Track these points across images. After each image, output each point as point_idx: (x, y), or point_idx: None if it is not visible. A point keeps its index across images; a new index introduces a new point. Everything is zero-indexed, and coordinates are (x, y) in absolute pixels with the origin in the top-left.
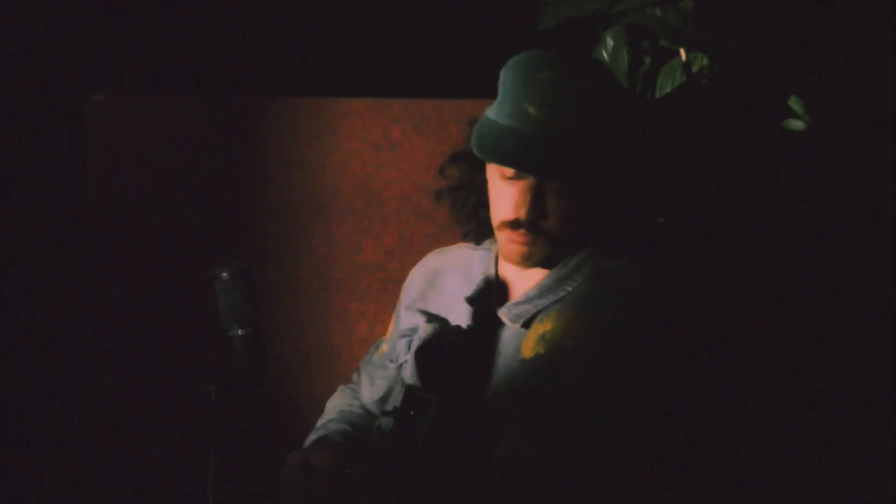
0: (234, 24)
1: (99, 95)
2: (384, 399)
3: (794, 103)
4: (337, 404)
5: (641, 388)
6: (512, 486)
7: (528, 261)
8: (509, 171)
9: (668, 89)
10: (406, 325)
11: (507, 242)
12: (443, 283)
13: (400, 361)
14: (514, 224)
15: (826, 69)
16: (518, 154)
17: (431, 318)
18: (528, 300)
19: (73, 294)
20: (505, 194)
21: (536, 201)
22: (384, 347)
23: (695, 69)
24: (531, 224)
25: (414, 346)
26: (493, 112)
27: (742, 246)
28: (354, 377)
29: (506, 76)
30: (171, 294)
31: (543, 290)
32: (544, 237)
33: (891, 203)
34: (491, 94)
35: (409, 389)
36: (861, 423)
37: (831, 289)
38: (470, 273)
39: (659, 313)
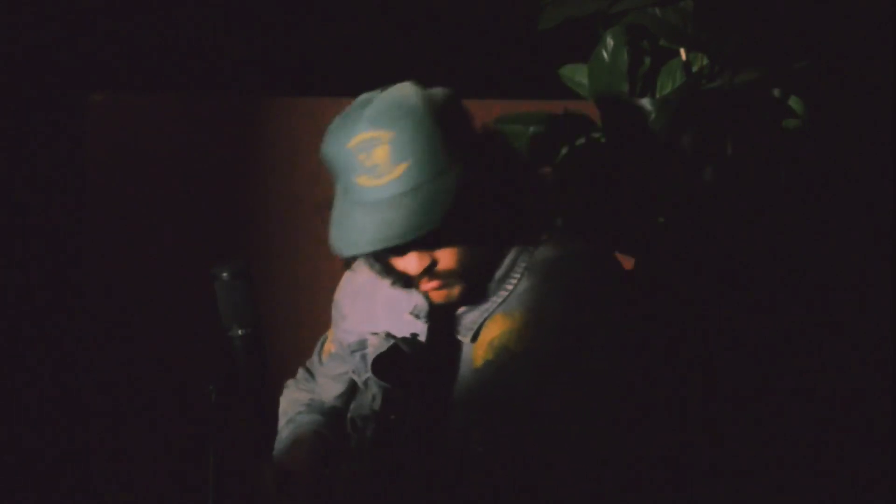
0: (234, 24)
1: (99, 95)
2: (346, 394)
3: (794, 103)
4: (296, 398)
5: (594, 380)
6: (479, 486)
7: (452, 299)
8: None
9: (668, 89)
10: (351, 339)
11: (425, 292)
12: (379, 297)
13: (364, 377)
14: (416, 281)
15: (826, 69)
16: (372, 236)
17: (378, 335)
18: (470, 309)
19: (74, 294)
20: (395, 259)
21: (417, 259)
22: (329, 347)
23: (695, 69)
24: (429, 275)
25: (369, 360)
26: (339, 194)
27: (742, 246)
28: (301, 374)
29: (325, 156)
30: (171, 294)
31: (486, 293)
32: (450, 276)
33: (891, 203)
34: (491, 94)
35: (387, 394)
36: (861, 423)
37: (831, 289)
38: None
39: (598, 301)
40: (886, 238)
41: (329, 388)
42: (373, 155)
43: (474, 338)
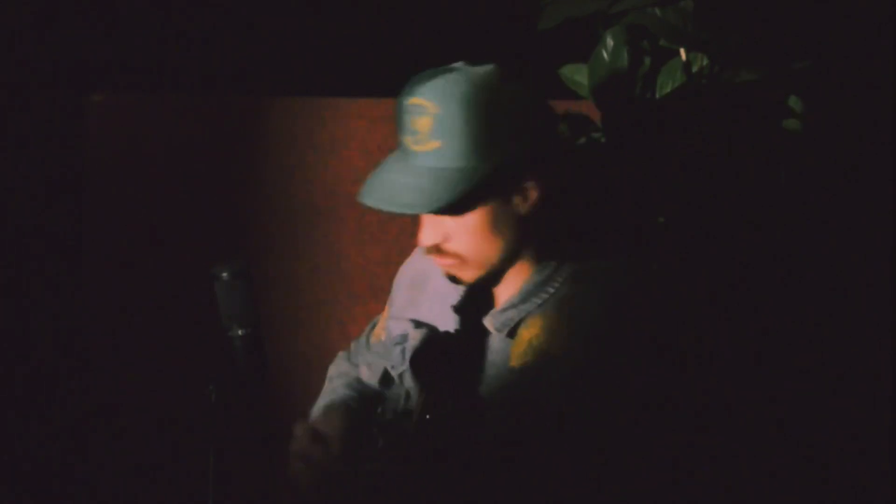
0: (234, 24)
1: (99, 95)
2: (381, 384)
3: (794, 103)
4: (344, 370)
5: (628, 391)
6: (506, 486)
7: (463, 280)
8: None
9: (668, 89)
10: (396, 331)
11: (439, 267)
12: (430, 287)
13: (399, 371)
14: (427, 251)
15: (826, 69)
16: (381, 193)
17: (419, 325)
18: (511, 306)
19: (73, 294)
20: (417, 220)
21: (433, 229)
22: (380, 333)
23: (695, 69)
24: (438, 250)
25: (408, 356)
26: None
27: (742, 246)
28: (353, 346)
29: (397, 101)
30: (171, 294)
31: (526, 295)
32: (460, 258)
33: (891, 203)
34: None
35: (427, 395)
36: (862, 424)
37: (831, 289)
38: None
39: (640, 313)
40: (886, 238)
41: (366, 376)
42: (418, 121)
43: (511, 334)
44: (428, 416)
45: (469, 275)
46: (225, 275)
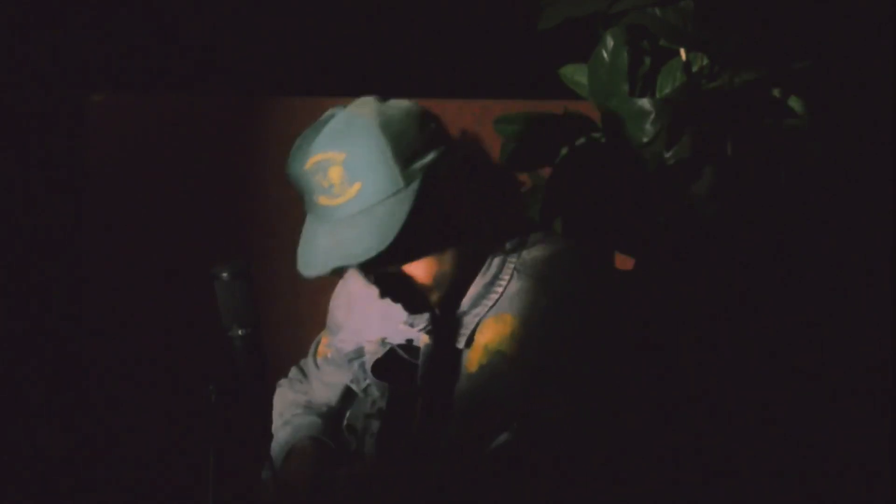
0: (234, 24)
1: (99, 95)
2: (344, 399)
3: (794, 103)
4: (293, 399)
5: (586, 380)
6: (475, 490)
7: (431, 298)
8: None
9: (668, 89)
10: (349, 347)
11: (398, 301)
12: (376, 303)
13: (363, 385)
14: (384, 289)
15: (826, 69)
16: (327, 257)
17: (373, 342)
18: (463, 314)
19: (73, 294)
20: (364, 270)
21: (382, 273)
22: (324, 351)
23: (695, 69)
24: (399, 282)
25: (368, 367)
26: (307, 216)
27: (742, 246)
28: (294, 373)
29: (288, 177)
30: (171, 294)
31: (476, 299)
32: (419, 286)
33: (891, 203)
34: (491, 94)
35: (390, 397)
36: (862, 424)
37: (831, 288)
38: None
39: (587, 298)
40: (886, 238)
41: (323, 393)
42: (328, 175)
43: (468, 343)
44: (396, 419)
45: (428, 298)
46: (225, 275)
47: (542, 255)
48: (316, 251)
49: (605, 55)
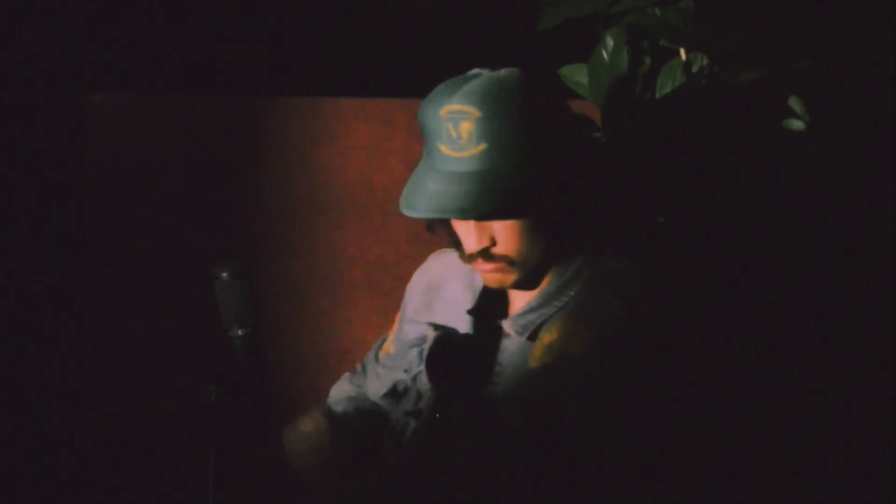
0: (234, 24)
1: (99, 95)
2: (390, 395)
3: (794, 103)
4: (344, 389)
5: (644, 392)
6: (521, 491)
7: (503, 285)
8: None
9: (668, 89)
10: (413, 335)
11: (478, 272)
12: (445, 292)
13: (414, 372)
14: (471, 257)
15: (826, 69)
16: (432, 203)
17: (438, 328)
18: (531, 310)
19: (73, 294)
20: (459, 229)
21: (480, 234)
22: (389, 347)
23: (695, 69)
24: (485, 254)
25: (425, 356)
26: (423, 155)
27: (742, 246)
28: (359, 368)
29: (420, 118)
30: (171, 294)
31: (546, 298)
32: (504, 261)
33: (891, 203)
34: None
35: (438, 394)
36: (861, 423)
37: (831, 288)
38: (473, 282)
39: (657, 314)
40: (886, 238)
41: (375, 387)
42: (458, 127)
43: (532, 336)
44: (437, 415)
45: (510, 278)
46: (225, 275)
47: (615, 268)
48: (424, 195)
49: (605, 55)
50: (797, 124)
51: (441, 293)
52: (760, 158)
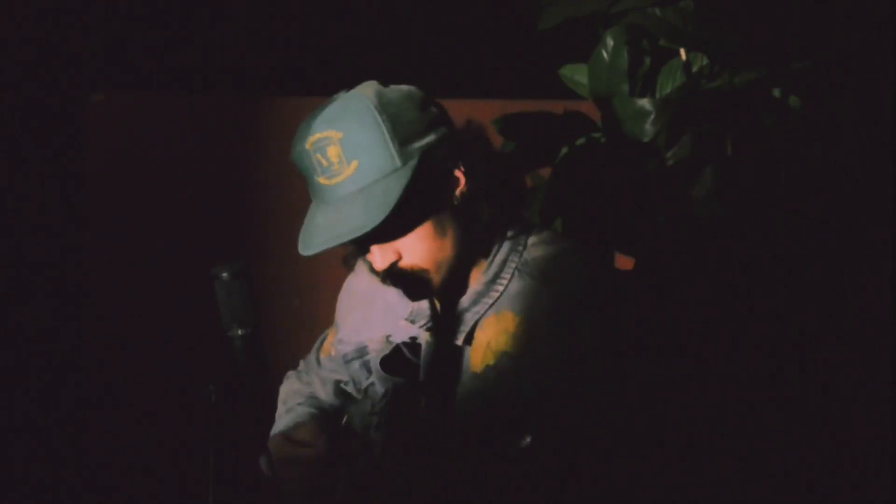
0: (234, 24)
1: (99, 95)
2: (336, 395)
3: (794, 103)
4: (297, 388)
5: (589, 379)
6: (484, 489)
7: (428, 295)
8: None
9: (668, 89)
10: (349, 348)
11: (399, 289)
12: (379, 303)
13: (364, 384)
14: (385, 274)
15: (826, 69)
16: (325, 234)
17: (382, 341)
18: (464, 311)
19: (74, 294)
20: (366, 253)
21: (383, 251)
22: (328, 349)
23: (695, 69)
24: (394, 270)
25: (374, 366)
26: (312, 200)
27: (742, 246)
28: (302, 365)
29: (292, 159)
30: (171, 294)
31: (476, 297)
32: (418, 272)
33: (891, 203)
34: (491, 94)
35: (394, 395)
36: (861, 424)
37: (831, 289)
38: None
39: (590, 297)
40: (886, 238)
41: (320, 390)
42: (327, 154)
43: (468, 340)
44: (400, 417)
45: (431, 287)
46: (225, 275)
47: (544, 255)
48: (314, 231)
49: (605, 55)
50: (797, 124)
51: (375, 305)
52: (760, 158)
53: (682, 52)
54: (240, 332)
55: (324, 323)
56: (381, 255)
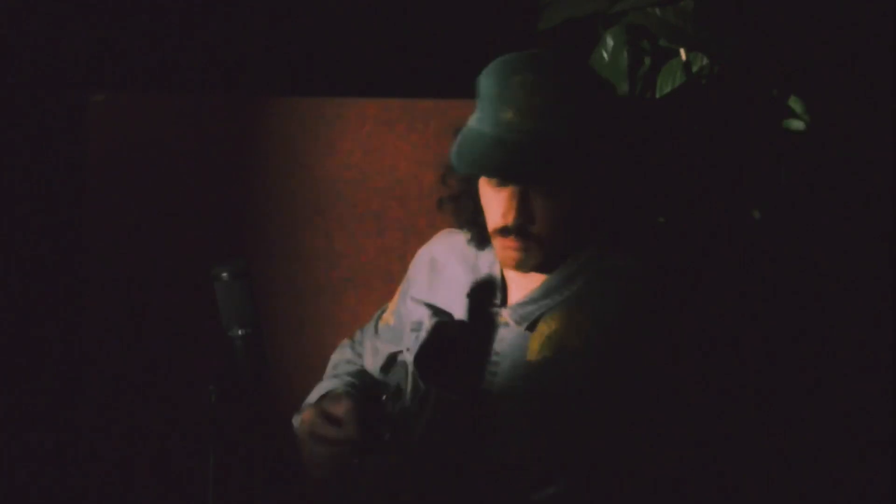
0: (234, 24)
1: (99, 95)
2: (385, 369)
3: (794, 103)
4: (350, 357)
5: (644, 389)
6: (518, 486)
7: (523, 266)
8: (493, 179)
9: (668, 89)
10: (414, 316)
11: (501, 249)
12: (447, 272)
13: (414, 354)
14: (503, 231)
15: (826, 69)
16: (494, 162)
17: (436, 312)
18: (532, 301)
19: (73, 294)
20: (493, 202)
21: (522, 207)
22: (389, 318)
23: (695, 69)
24: (520, 229)
25: (421, 344)
26: (474, 120)
27: (742, 246)
28: (357, 335)
29: (482, 83)
30: (171, 294)
31: (548, 291)
32: (535, 242)
33: (891, 203)
34: None
35: (436, 393)
36: (861, 424)
37: (831, 289)
38: (476, 268)
39: (659, 312)
40: (886, 238)
41: (371, 361)
42: (529, 96)
43: (531, 327)
44: (436, 416)
45: (532, 261)
46: (225, 275)
47: (621, 266)
48: (482, 154)
49: (605, 55)
50: (797, 124)
51: (443, 273)
52: (760, 158)
53: (682, 52)
54: (240, 332)
55: (324, 323)
56: (518, 211)
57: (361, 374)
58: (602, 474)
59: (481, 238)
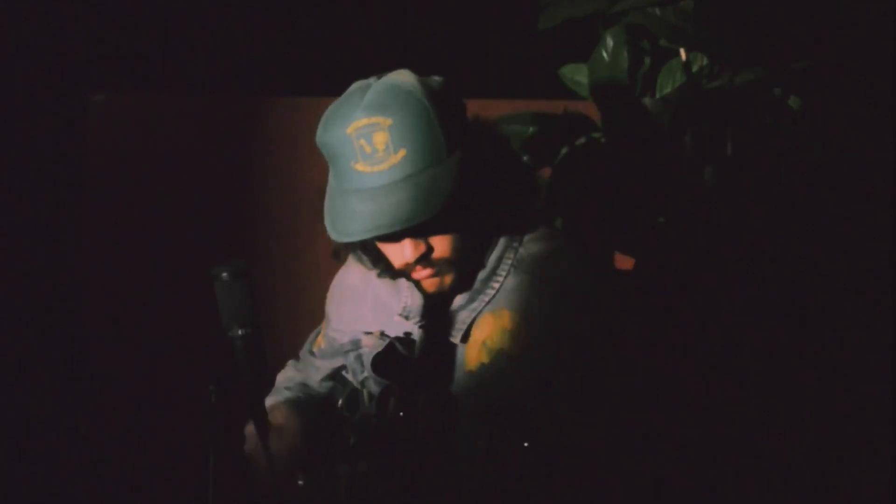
0: (234, 24)
1: (99, 95)
2: (329, 379)
3: (794, 103)
4: (291, 376)
5: (590, 377)
6: (482, 485)
7: (443, 287)
8: None
9: (668, 89)
10: (343, 340)
11: (416, 281)
12: (371, 299)
13: (360, 377)
14: (409, 267)
15: (826, 69)
16: (368, 223)
17: (376, 335)
18: (461, 308)
19: (73, 294)
20: (387, 248)
21: (416, 246)
22: (320, 342)
23: (695, 69)
24: (424, 260)
25: (367, 360)
26: (334, 180)
27: (742, 246)
28: (302, 355)
29: (322, 142)
30: (171, 294)
31: (472, 294)
32: (444, 263)
33: (891, 203)
34: (491, 94)
35: (395, 391)
36: (861, 424)
37: (831, 289)
38: (397, 286)
39: (585, 294)
40: (886, 238)
41: (315, 376)
42: (372, 141)
43: (464, 338)
44: (401, 413)
45: (449, 280)
46: (225, 275)
47: (540, 251)
48: (352, 217)
49: (605, 55)
50: (797, 124)
51: (366, 300)
52: (760, 158)
53: (682, 52)
54: (240, 332)
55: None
56: (412, 248)
57: (302, 387)
58: (558, 472)
59: (392, 272)
